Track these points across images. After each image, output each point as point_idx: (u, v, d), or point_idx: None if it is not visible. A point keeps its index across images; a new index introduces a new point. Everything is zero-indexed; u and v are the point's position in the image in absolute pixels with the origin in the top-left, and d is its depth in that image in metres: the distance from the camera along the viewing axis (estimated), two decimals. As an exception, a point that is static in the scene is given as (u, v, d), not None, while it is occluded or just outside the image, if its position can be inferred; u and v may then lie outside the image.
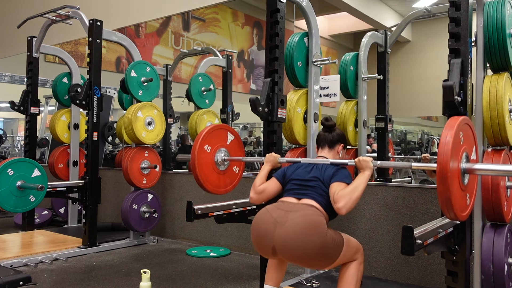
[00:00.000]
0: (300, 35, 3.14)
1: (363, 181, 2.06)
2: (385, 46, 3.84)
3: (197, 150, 2.57)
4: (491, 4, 2.19)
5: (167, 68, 5.30)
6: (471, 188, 1.82)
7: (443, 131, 1.66)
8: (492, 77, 2.20)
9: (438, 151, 1.63)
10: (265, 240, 1.97)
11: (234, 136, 2.82)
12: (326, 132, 2.40)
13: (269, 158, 2.52)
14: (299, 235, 1.89)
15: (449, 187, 1.59)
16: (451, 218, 1.72)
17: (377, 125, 3.82)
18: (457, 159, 1.66)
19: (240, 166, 2.90)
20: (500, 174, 2.02)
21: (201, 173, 2.60)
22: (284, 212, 1.98)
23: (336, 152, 2.37)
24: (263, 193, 2.31)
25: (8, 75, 7.93)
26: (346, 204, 1.96)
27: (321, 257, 1.95)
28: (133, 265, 3.49)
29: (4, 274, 2.71)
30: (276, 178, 2.33)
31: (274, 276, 2.25)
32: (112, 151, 6.68)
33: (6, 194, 3.39)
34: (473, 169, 1.74)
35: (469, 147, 1.79)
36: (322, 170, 2.19)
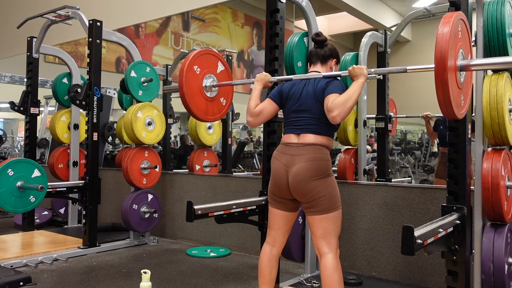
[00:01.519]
0: (300, 35, 3.14)
1: (357, 89, 2.04)
2: (385, 46, 3.84)
3: (186, 68, 2.50)
4: (491, 3, 2.19)
5: (167, 68, 5.30)
6: (466, 88, 1.80)
7: (440, 23, 1.62)
8: (492, 76, 2.20)
9: (435, 44, 1.59)
10: (282, 183, 2.16)
11: (224, 66, 2.75)
12: (317, 48, 2.32)
13: (259, 77, 2.44)
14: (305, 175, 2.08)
15: (447, 80, 1.56)
16: (449, 115, 1.69)
17: (377, 125, 3.82)
18: (454, 54, 1.63)
19: (228, 98, 2.83)
20: (496, 67, 2.03)
21: (188, 93, 2.53)
22: (290, 156, 2.13)
23: (329, 67, 2.30)
24: (260, 115, 2.30)
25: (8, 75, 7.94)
26: (340, 113, 1.99)
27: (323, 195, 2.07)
28: (133, 265, 3.49)
29: (4, 275, 2.71)
30: (272, 99, 2.30)
31: (266, 280, 2.24)
32: (112, 151, 6.69)
33: (6, 195, 3.39)
34: (470, 65, 1.71)
35: (465, 45, 1.75)
36: (315, 84, 2.17)
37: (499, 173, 2.08)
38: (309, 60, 2.36)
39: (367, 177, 3.84)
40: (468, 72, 1.83)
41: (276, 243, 2.26)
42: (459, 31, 1.67)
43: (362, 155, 3.77)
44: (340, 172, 3.78)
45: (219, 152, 5.71)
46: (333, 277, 2.05)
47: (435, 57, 1.58)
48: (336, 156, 6.24)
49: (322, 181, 2.08)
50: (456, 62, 1.66)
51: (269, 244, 2.26)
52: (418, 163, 7.54)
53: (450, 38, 1.56)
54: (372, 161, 4.67)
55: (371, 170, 4.44)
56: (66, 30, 5.08)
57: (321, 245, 2.09)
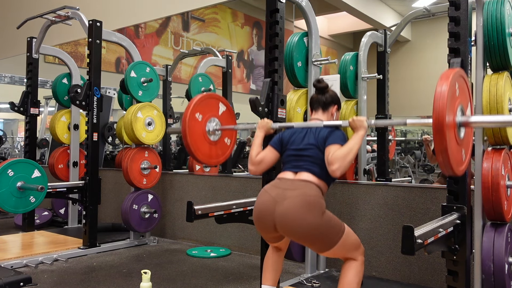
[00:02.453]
0: (300, 35, 3.14)
1: (357, 142, 2.03)
2: (385, 46, 3.84)
3: (188, 117, 2.50)
4: (490, 3, 2.19)
5: (167, 69, 5.30)
6: (466, 143, 1.79)
7: (438, 81, 1.61)
8: (492, 76, 2.20)
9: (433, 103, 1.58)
10: (266, 218, 1.99)
11: (226, 107, 2.75)
12: (319, 94, 2.33)
13: (261, 124, 2.46)
14: (296, 213, 1.91)
15: (445, 138, 1.55)
16: (448, 172, 1.67)
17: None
18: (452, 111, 1.62)
19: (232, 137, 2.83)
20: (497, 125, 2.00)
21: (192, 141, 2.53)
22: (282, 190, 1.99)
23: (330, 114, 2.31)
24: (262, 164, 2.29)
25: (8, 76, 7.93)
26: (340, 167, 1.96)
27: (318, 237, 1.94)
28: (134, 266, 3.49)
29: (5, 275, 2.71)
30: (273, 147, 2.30)
31: (270, 276, 2.25)
32: (112, 152, 6.68)
33: (6, 195, 3.39)
34: (469, 122, 1.70)
35: (464, 101, 1.75)
36: (316, 133, 2.16)
37: (499, 172, 2.09)
38: (311, 106, 2.37)
39: (367, 177, 3.84)
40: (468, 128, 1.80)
41: (280, 248, 2.28)
42: (457, 89, 1.67)
43: (362, 155, 3.77)
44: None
45: (219, 152, 5.69)
46: (354, 279, 2.03)
47: (433, 115, 1.57)
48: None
49: (316, 222, 1.91)
50: (455, 118, 1.65)
51: (274, 247, 2.29)
52: (418, 163, 7.54)
53: (448, 96, 1.57)
54: (372, 161, 4.66)
55: (371, 170, 4.44)
56: (66, 31, 5.08)
57: (343, 259, 2.07)
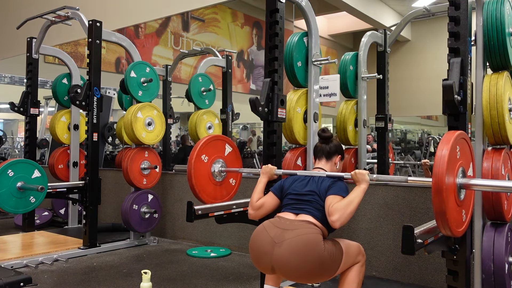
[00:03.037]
0: (300, 35, 3.14)
1: (358, 195, 2.05)
2: (385, 46, 3.84)
3: (194, 159, 2.56)
4: (490, 3, 2.19)
5: (167, 69, 5.30)
6: (467, 204, 1.79)
7: (439, 145, 1.64)
8: (491, 76, 2.20)
9: (433, 164, 1.60)
10: (264, 260, 1.98)
11: (232, 148, 2.81)
12: (323, 144, 2.38)
13: (265, 170, 2.51)
14: (297, 255, 1.90)
15: (444, 200, 1.56)
16: (446, 233, 1.68)
17: (377, 125, 3.82)
18: (453, 173, 1.63)
19: (237, 178, 2.90)
20: (497, 190, 1.99)
21: (197, 183, 2.59)
22: (281, 230, 1.97)
23: (334, 163, 2.35)
24: (261, 209, 2.31)
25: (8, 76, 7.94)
26: (340, 218, 1.96)
27: (320, 273, 1.95)
28: (134, 266, 3.49)
29: (5, 275, 2.71)
30: (273, 193, 2.32)
31: (274, 276, 2.25)
32: (112, 152, 6.68)
33: (6, 195, 3.39)
34: (470, 185, 1.70)
35: (465, 162, 1.76)
36: (318, 182, 2.18)
37: (499, 172, 2.09)
38: (314, 155, 2.41)
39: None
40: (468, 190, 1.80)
41: None
42: (458, 152, 1.67)
43: (362, 155, 3.77)
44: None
45: (219, 152, 5.70)
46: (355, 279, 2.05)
47: (432, 179, 1.58)
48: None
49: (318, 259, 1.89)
50: (456, 180, 1.66)
51: None
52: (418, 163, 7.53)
53: (448, 161, 1.58)
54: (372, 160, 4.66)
55: (371, 169, 4.44)
56: (65, 31, 5.08)
57: None
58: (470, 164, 1.82)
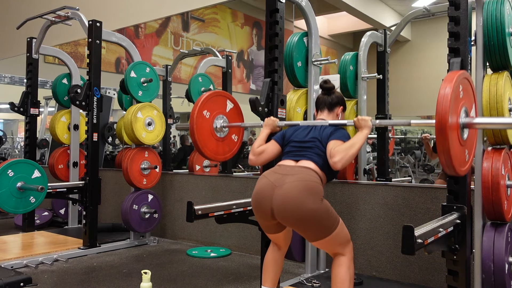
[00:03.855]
0: (300, 35, 3.14)
1: (361, 139, 2.05)
2: (385, 46, 3.84)
3: (195, 115, 2.54)
4: (490, 3, 2.19)
5: (167, 69, 5.30)
6: (470, 144, 1.79)
7: (441, 83, 1.62)
8: (491, 76, 2.20)
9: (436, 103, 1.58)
10: (264, 204, 1.99)
11: (233, 104, 2.78)
12: (325, 95, 2.37)
13: (268, 122, 2.50)
14: (295, 198, 1.91)
15: (447, 138, 1.55)
16: (450, 172, 1.67)
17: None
18: (456, 112, 1.63)
19: (239, 134, 2.86)
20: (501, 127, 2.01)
21: (199, 138, 2.57)
22: (281, 175, 2.00)
23: (336, 114, 2.35)
24: (262, 154, 2.32)
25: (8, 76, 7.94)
26: (342, 159, 1.98)
27: (314, 223, 1.94)
28: (134, 266, 3.49)
29: (5, 275, 2.71)
30: (275, 140, 2.33)
31: (270, 277, 2.25)
32: (112, 152, 6.68)
33: (6, 195, 3.39)
34: (473, 123, 1.69)
35: (468, 103, 1.75)
36: (320, 130, 2.19)
37: (499, 172, 2.09)
38: (317, 106, 2.40)
39: (367, 177, 3.84)
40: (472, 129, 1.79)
41: (280, 247, 2.28)
42: (460, 91, 1.67)
43: (362, 154, 3.77)
44: (340, 172, 3.77)
45: (219, 152, 5.69)
46: (345, 276, 2.03)
47: (436, 117, 1.57)
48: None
49: (315, 206, 1.91)
50: (459, 120, 1.65)
51: (275, 246, 2.28)
52: (418, 163, 7.54)
53: (451, 99, 1.57)
54: (372, 160, 4.66)
55: (371, 169, 4.44)
56: (65, 31, 5.08)
57: (332, 254, 2.08)
58: (473, 106, 1.81)
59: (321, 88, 2.41)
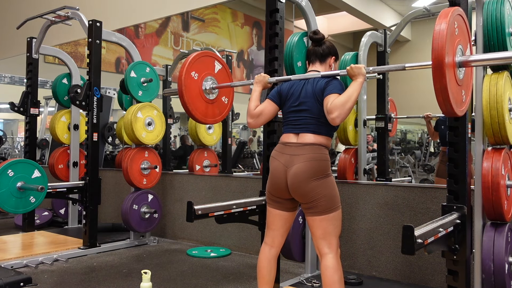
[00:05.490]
0: (300, 35, 3.14)
1: (356, 89, 2.03)
2: (385, 46, 3.84)
3: (183, 76, 2.49)
4: (490, 3, 2.19)
5: (167, 69, 5.30)
6: (466, 84, 1.78)
7: (436, 20, 1.60)
8: (491, 76, 2.20)
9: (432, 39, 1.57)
10: (280, 182, 2.14)
11: (221, 65, 2.74)
12: (316, 46, 2.31)
13: (258, 79, 2.45)
14: (304, 174, 2.06)
15: (444, 75, 1.54)
16: (448, 111, 1.66)
17: (377, 125, 3.82)
18: (452, 49, 1.61)
19: (229, 96, 2.81)
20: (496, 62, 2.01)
21: (188, 100, 2.52)
22: (289, 156, 2.12)
23: (328, 65, 2.30)
24: (261, 116, 2.30)
25: (8, 76, 7.94)
26: (340, 114, 1.98)
27: (323, 194, 2.05)
28: (134, 266, 3.49)
29: (5, 275, 2.71)
30: (271, 99, 2.30)
31: (265, 281, 2.25)
32: (112, 152, 6.69)
33: (6, 195, 3.39)
34: (469, 61, 1.68)
35: (463, 41, 1.73)
36: (314, 84, 2.16)
37: (499, 172, 2.09)
38: (308, 58, 2.34)
39: (367, 177, 3.84)
40: (468, 68, 1.80)
41: (274, 244, 2.25)
42: (456, 28, 1.65)
43: (362, 154, 3.77)
44: (340, 172, 3.78)
45: (219, 152, 5.71)
46: (334, 277, 2.05)
47: (432, 54, 1.55)
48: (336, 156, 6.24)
49: (322, 181, 2.06)
50: (455, 58, 1.64)
51: (267, 245, 2.26)
52: (418, 163, 7.55)
53: (447, 34, 1.54)
54: (372, 160, 4.67)
55: (372, 169, 4.44)
56: (65, 31, 5.08)
57: (322, 245, 2.09)
58: (468, 45, 1.80)
59: (310, 40, 2.35)
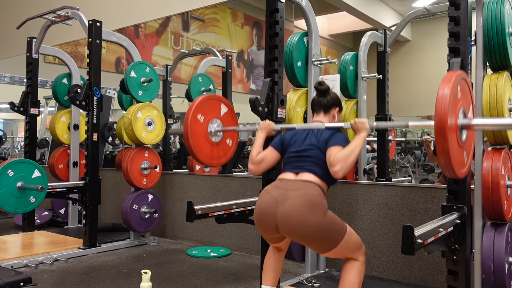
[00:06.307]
0: (300, 35, 3.14)
1: (359, 143, 2.02)
2: (385, 46, 3.84)
3: (190, 119, 2.51)
4: (490, 3, 2.19)
5: (167, 69, 5.30)
6: (468, 146, 1.79)
7: (440, 84, 1.61)
8: (491, 76, 2.20)
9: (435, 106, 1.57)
10: (267, 219, 1.98)
11: (227, 107, 2.75)
12: (320, 97, 2.33)
13: (263, 125, 2.46)
14: (299, 213, 1.90)
15: (447, 139, 1.55)
16: (449, 174, 1.66)
17: (377, 125, 3.82)
18: (454, 113, 1.62)
19: (234, 138, 2.83)
20: (499, 128, 2.01)
21: (194, 143, 2.53)
22: (283, 190, 1.98)
23: (332, 116, 2.32)
24: (262, 163, 2.28)
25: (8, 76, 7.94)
26: (342, 168, 1.95)
27: (321, 237, 1.93)
28: (134, 266, 3.49)
29: (5, 275, 2.71)
30: (273, 147, 2.29)
31: (270, 277, 2.25)
32: (112, 152, 6.68)
33: (6, 195, 3.39)
34: (471, 125, 1.69)
35: (466, 104, 1.75)
36: (318, 135, 2.16)
37: (499, 172, 2.09)
38: (312, 108, 2.36)
39: (367, 177, 3.83)
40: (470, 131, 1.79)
41: (281, 249, 2.28)
42: (459, 92, 1.67)
43: (362, 155, 3.77)
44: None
45: (219, 152, 5.69)
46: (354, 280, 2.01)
47: (435, 118, 1.57)
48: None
49: (319, 221, 1.90)
50: (457, 121, 1.65)
51: (274, 248, 2.28)
52: (418, 163, 7.54)
53: (450, 100, 1.57)
54: (372, 160, 4.67)
55: (371, 169, 4.44)
56: (65, 31, 5.08)
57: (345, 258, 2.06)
58: (470, 106, 1.80)
59: (316, 90, 2.36)
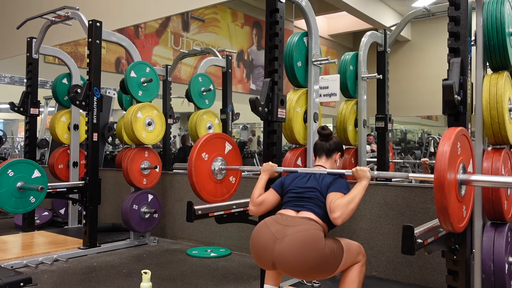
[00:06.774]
0: (300, 35, 3.14)
1: (360, 191, 2.04)
2: (385, 46, 3.84)
3: (194, 157, 2.57)
4: (490, 3, 2.19)
5: (167, 69, 5.30)
6: (467, 200, 1.81)
7: (440, 141, 1.65)
8: (491, 76, 2.20)
9: (435, 160, 1.61)
10: (264, 255, 1.98)
11: (232, 146, 2.82)
12: (323, 141, 2.39)
13: (266, 167, 2.50)
14: (298, 251, 1.89)
15: (446, 196, 1.58)
16: (447, 229, 1.69)
17: (377, 125, 3.82)
18: (454, 169, 1.65)
19: (237, 176, 2.90)
20: (497, 185, 2.01)
21: (197, 181, 2.60)
22: (282, 226, 1.97)
23: (334, 160, 2.37)
24: (262, 205, 2.31)
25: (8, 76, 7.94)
26: (342, 215, 1.96)
27: (321, 269, 1.95)
28: (134, 266, 3.49)
29: (5, 275, 2.71)
30: (274, 189, 2.32)
31: (273, 276, 2.26)
32: (112, 152, 6.68)
33: (6, 195, 3.39)
34: (470, 180, 1.72)
35: (466, 159, 1.77)
36: (319, 179, 2.18)
37: (499, 172, 2.09)
38: (315, 152, 2.41)
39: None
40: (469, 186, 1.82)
41: None
42: (459, 148, 1.69)
43: (362, 155, 3.77)
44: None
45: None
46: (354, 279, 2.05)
47: (434, 174, 1.59)
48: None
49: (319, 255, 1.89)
50: (457, 176, 1.67)
51: None
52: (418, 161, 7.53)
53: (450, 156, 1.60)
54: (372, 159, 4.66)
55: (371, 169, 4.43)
56: (65, 31, 5.08)
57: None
58: (470, 161, 1.84)
59: (318, 134, 2.43)
